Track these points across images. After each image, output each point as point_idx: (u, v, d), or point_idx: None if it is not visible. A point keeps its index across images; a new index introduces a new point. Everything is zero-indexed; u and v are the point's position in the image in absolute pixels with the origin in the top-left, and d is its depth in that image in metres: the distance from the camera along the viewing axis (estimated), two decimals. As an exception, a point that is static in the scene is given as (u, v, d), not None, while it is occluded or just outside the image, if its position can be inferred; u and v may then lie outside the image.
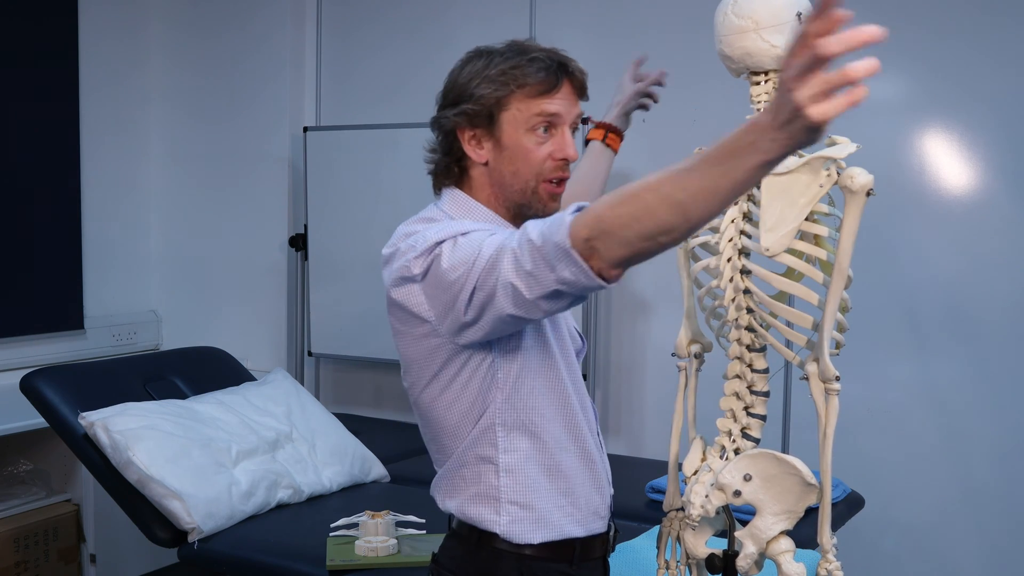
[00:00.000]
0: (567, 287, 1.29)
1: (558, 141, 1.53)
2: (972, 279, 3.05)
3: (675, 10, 3.38)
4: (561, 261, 1.27)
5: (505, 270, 1.33)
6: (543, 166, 1.53)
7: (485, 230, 1.44)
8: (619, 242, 1.23)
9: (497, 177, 1.56)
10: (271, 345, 4.09)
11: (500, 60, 1.53)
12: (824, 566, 1.51)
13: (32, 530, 3.35)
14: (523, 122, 1.52)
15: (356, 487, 2.98)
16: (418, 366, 1.54)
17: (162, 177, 4.25)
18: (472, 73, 1.54)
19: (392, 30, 3.91)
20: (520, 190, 1.55)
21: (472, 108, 1.52)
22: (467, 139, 1.55)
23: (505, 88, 1.51)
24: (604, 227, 1.23)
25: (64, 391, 2.77)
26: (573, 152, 1.54)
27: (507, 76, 1.51)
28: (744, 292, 1.54)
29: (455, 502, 1.58)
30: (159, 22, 4.18)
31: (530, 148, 1.52)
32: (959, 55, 3.03)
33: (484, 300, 1.37)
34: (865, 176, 1.41)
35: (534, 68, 1.51)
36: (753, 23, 1.47)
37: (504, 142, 1.53)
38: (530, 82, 1.51)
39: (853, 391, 2.08)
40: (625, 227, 1.21)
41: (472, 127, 1.54)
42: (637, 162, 3.43)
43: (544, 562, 1.55)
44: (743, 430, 1.55)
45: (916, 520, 3.14)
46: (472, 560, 1.56)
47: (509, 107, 1.52)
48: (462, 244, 1.41)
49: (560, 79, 1.52)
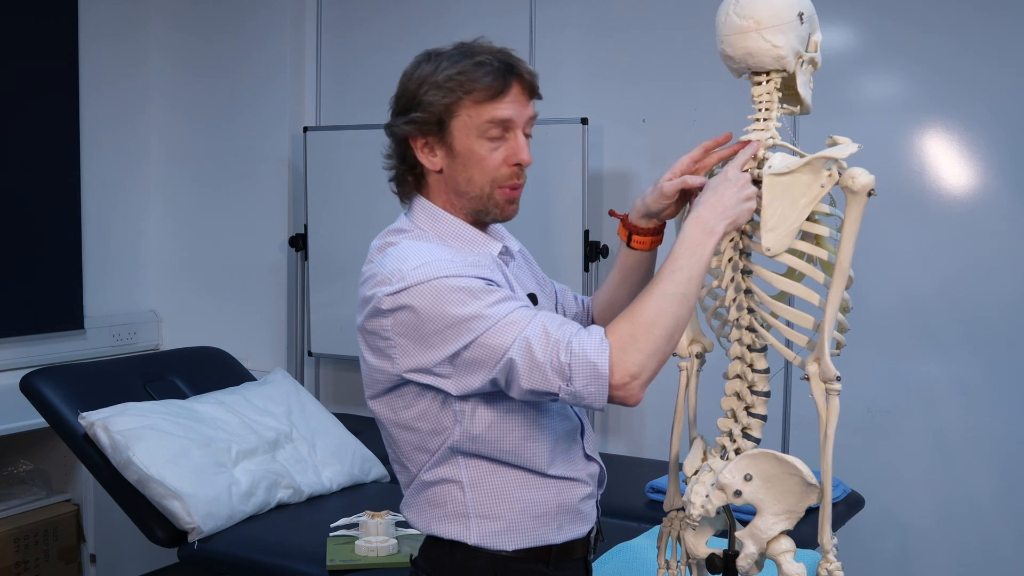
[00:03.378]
0: (570, 398, 1.37)
1: (511, 146, 1.51)
2: (972, 279, 3.05)
3: (675, 10, 3.37)
4: (585, 380, 1.34)
5: (511, 348, 1.37)
6: (498, 172, 1.52)
7: (458, 274, 1.42)
8: (652, 355, 1.37)
9: (452, 184, 1.54)
10: (271, 345, 4.09)
11: (447, 65, 1.49)
12: (824, 566, 1.51)
13: (32, 530, 3.35)
14: (474, 128, 1.49)
15: (356, 487, 2.98)
16: (375, 382, 1.54)
17: (162, 177, 4.25)
18: (420, 78, 1.50)
19: (392, 30, 3.91)
20: (476, 196, 1.53)
21: (421, 116, 1.50)
22: (420, 147, 1.53)
23: (453, 95, 1.48)
24: (651, 355, 1.37)
25: (64, 391, 2.77)
26: (527, 156, 1.52)
27: (454, 82, 1.48)
28: (745, 292, 1.54)
29: (423, 523, 1.58)
30: (159, 22, 4.18)
31: (483, 155, 1.50)
32: (959, 55, 3.03)
33: (468, 360, 1.40)
34: (866, 176, 1.41)
35: (481, 72, 1.47)
36: (754, 23, 1.47)
37: (456, 149, 1.51)
38: (478, 87, 1.47)
39: (854, 391, 2.08)
40: (656, 339, 1.37)
41: (423, 135, 1.52)
42: (637, 162, 3.44)
43: (520, 563, 1.54)
44: (744, 430, 1.55)
45: (916, 520, 3.15)
46: (448, 561, 1.56)
47: (459, 114, 1.49)
48: (445, 294, 1.40)
49: (509, 82, 1.49)
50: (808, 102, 1.56)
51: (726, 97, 2.12)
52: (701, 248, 1.42)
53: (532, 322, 1.39)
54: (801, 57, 1.51)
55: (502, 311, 1.40)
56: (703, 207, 1.44)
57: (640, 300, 1.40)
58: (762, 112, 1.52)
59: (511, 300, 1.42)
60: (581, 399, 1.37)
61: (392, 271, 1.45)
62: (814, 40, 1.54)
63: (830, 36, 3.02)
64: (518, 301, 1.43)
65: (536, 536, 1.54)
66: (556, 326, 1.38)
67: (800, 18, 1.48)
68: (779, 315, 1.52)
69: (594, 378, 1.35)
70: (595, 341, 1.36)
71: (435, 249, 1.49)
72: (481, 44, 1.53)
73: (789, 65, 1.49)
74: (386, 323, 1.46)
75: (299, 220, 3.98)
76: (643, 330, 1.37)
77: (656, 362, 1.38)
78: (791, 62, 1.49)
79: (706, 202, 1.45)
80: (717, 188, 1.46)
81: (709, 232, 1.42)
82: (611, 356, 1.35)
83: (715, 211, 1.43)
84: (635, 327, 1.37)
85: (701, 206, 1.44)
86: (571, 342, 1.36)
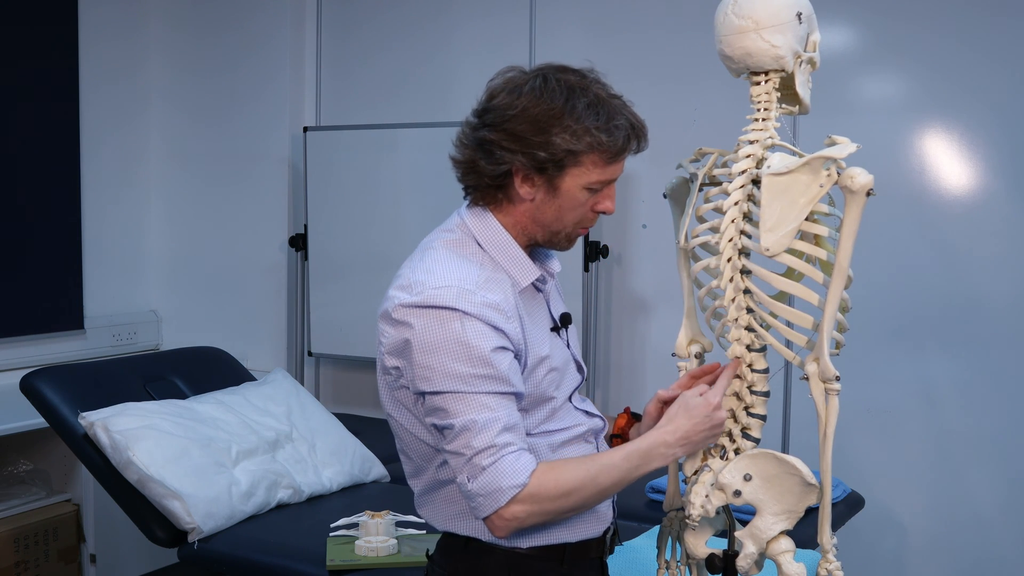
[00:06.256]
0: (461, 486, 1.46)
1: (605, 195, 1.55)
2: (972, 279, 3.05)
3: (675, 10, 3.38)
4: (483, 492, 1.42)
5: (462, 418, 1.43)
6: (585, 216, 1.56)
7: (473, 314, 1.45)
8: (544, 516, 1.47)
9: (538, 216, 1.55)
10: (271, 345, 4.09)
11: (586, 113, 1.47)
12: (824, 566, 1.51)
13: (32, 530, 3.35)
14: (585, 180, 1.51)
15: (356, 487, 2.98)
16: (384, 371, 1.56)
17: (162, 177, 4.25)
18: (550, 114, 1.47)
19: (392, 30, 3.91)
20: (555, 231, 1.56)
21: (544, 156, 1.48)
22: (521, 176, 1.52)
23: (584, 145, 1.48)
24: (543, 517, 1.46)
25: (64, 391, 2.76)
26: (612, 207, 1.57)
27: (591, 136, 1.47)
28: (744, 292, 1.54)
29: (440, 521, 1.60)
30: (159, 22, 4.18)
31: (581, 201, 1.53)
32: (959, 55, 3.03)
33: (429, 403, 1.47)
34: (865, 176, 1.41)
35: (616, 136, 1.49)
36: (753, 23, 1.47)
37: (561, 190, 1.52)
38: (609, 149, 1.49)
39: (853, 391, 2.08)
40: (560, 509, 1.47)
41: (534, 171, 1.51)
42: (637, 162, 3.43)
43: (534, 560, 1.55)
44: (743, 430, 1.55)
45: (916, 520, 3.15)
46: (463, 557, 1.58)
47: (581, 164, 1.50)
48: (446, 337, 1.44)
49: (629, 148, 1.52)
50: (807, 102, 1.56)
51: (725, 97, 2.12)
52: (648, 464, 1.49)
53: (494, 414, 1.44)
54: (800, 57, 1.51)
55: (481, 387, 1.44)
56: (672, 425, 1.50)
57: (577, 469, 1.47)
58: (761, 112, 1.52)
59: (495, 382, 1.45)
60: (467, 497, 1.46)
61: (416, 281, 1.49)
62: (812, 40, 1.54)
63: (829, 36, 3.02)
64: (501, 385, 1.46)
65: (550, 534, 1.55)
66: (506, 432, 1.44)
67: (798, 18, 1.48)
68: (778, 315, 1.52)
69: (490, 497, 1.42)
70: (521, 471, 1.42)
71: (465, 270, 1.50)
72: (616, 99, 1.52)
73: (788, 65, 1.49)
74: (387, 331, 1.50)
75: (299, 220, 3.98)
76: (559, 497, 1.44)
77: (541, 520, 1.47)
78: (790, 62, 1.49)
79: (675, 420, 1.50)
80: (689, 408, 1.51)
81: (663, 456, 1.49)
82: (517, 496, 1.42)
83: (678, 435, 1.49)
84: (557, 489, 1.44)
85: (671, 423, 1.50)
86: (504, 456, 1.42)
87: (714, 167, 1.59)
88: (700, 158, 1.64)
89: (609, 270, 3.51)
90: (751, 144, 1.52)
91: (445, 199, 3.29)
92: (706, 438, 1.52)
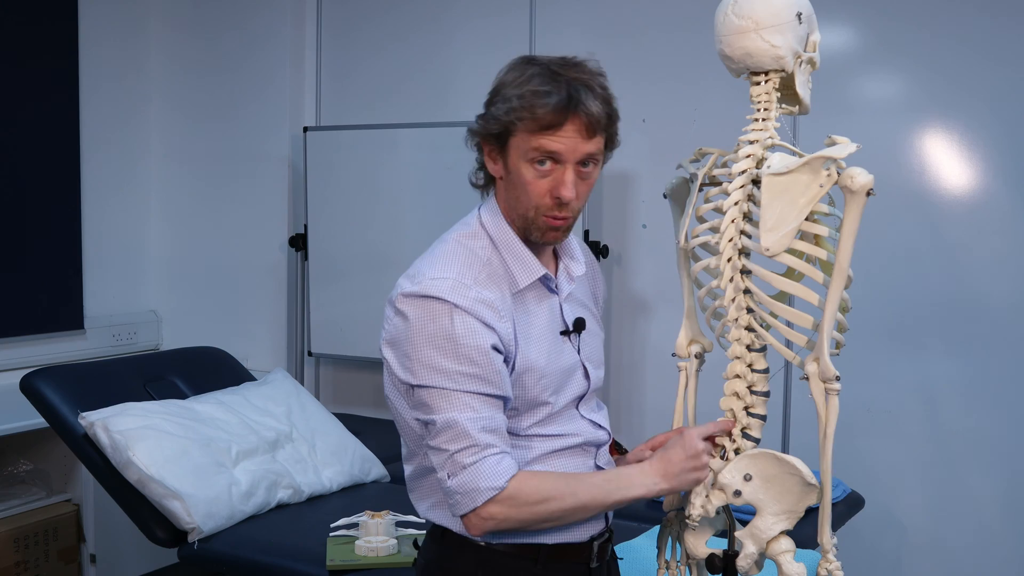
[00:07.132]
0: (440, 483, 1.47)
1: (557, 179, 1.49)
2: (972, 279, 3.05)
3: (675, 10, 3.37)
4: (462, 489, 1.44)
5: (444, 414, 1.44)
6: (540, 200, 1.50)
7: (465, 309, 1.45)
8: (520, 522, 1.48)
9: (508, 197, 1.55)
10: (271, 345, 4.09)
11: (525, 80, 1.47)
12: (824, 566, 1.51)
13: (32, 530, 3.35)
14: (523, 153, 1.48)
15: (356, 487, 2.98)
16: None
17: (162, 177, 4.25)
18: (498, 86, 1.51)
19: (392, 30, 3.91)
20: (522, 215, 1.53)
21: (483, 126, 1.52)
22: (487, 152, 1.55)
23: (514, 114, 1.47)
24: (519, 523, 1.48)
25: (64, 391, 2.77)
26: (568, 193, 1.48)
27: (519, 103, 1.46)
28: (744, 292, 1.54)
29: (421, 508, 1.62)
30: (159, 22, 4.18)
31: (529, 180, 1.49)
32: (959, 55, 3.03)
33: (416, 397, 1.47)
34: (865, 176, 1.41)
35: (543, 102, 1.45)
36: (753, 23, 1.47)
37: (509, 166, 1.51)
38: (537, 115, 1.45)
39: (853, 391, 2.08)
40: (536, 516, 1.47)
41: (486, 143, 1.53)
42: (637, 162, 3.43)
43: (507, 557, 1.54)
44: (743, 430, 1.56)
45: (916, 520, 3.15)
46: (438, 547, 1.59)
47: (516, 134, 1.48)
48: (436, 332, 1.45)
49: (565, 118, 1.45)
50: (807, 102, 1.56)
51: (726, 97, 2.12)
52: (627, 489, 1.51)
53: (477, 414, 1.44)
54: (800, 57, 1.51)
55: (466, 385, 1.45)
56: (656, 463, 1.53)
57: (557, 479, 1.50)
58: (761, 112, 1.52)
59: (480, 382, 1.45)
60: (446, 494, 1.47)
61: (419, 270, 1.51)
62: (812, 40, 1.54)
63: (829, 36, 3.01)
64: (487, 386, 1.46)
65: (525, 533, 1.53)
66: (489, 433, 1.45)
67: (798, 18, 1.48)
68: (778, 315, 1.52)
69: (467, 496, 1.44)
70: (501, 474, 1.44)
71: (468, 264, 1.50)
72: (569, 67, 1.49)
73: (788, 65, 1.49)
74: (389, 317, 1.52)
75: (299, 220, 3.98)
76: (536, 503, 1.46)
77: (518, 526, 1.48)
78: (790, 62, 1.49)
79: (659, 460, 1.53)
80: (672, 443, 1.54)
81: (646, 487, 1.52)
82: (496, 496, 1.43)
83: (660, 472, 1.52)
84: (536, 494, 1.46)
85: (656, 460, 1.53)
86: (486, 458, 1.43)
87: (714, 167, 1.59)
88: (700, 158, 1.64)
89: (609, 270, 3.51)
90: (751, 144, 1.52)
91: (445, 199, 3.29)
92: (685, 471, 1.52)
